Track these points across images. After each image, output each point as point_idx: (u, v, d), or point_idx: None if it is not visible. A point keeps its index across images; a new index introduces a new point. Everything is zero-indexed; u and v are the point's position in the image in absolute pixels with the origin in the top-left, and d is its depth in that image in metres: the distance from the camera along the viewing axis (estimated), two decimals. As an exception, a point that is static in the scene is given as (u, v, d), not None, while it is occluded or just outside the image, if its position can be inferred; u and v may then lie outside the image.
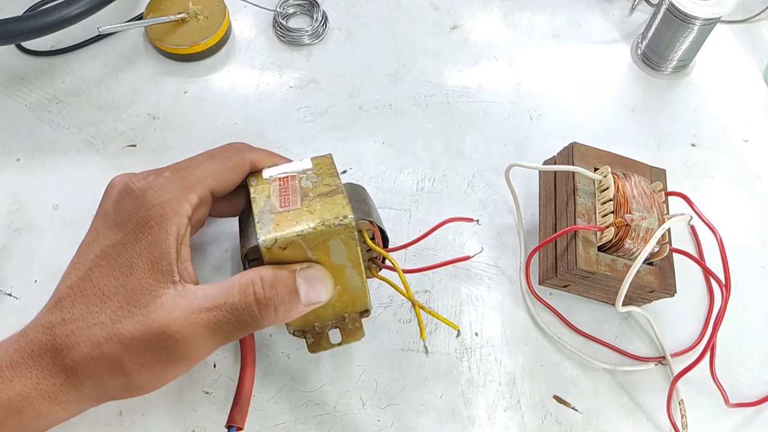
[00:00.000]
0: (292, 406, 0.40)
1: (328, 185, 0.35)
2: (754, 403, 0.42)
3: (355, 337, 0.39)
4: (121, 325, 0.31)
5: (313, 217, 0.33)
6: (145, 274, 0.32)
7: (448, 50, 0.55)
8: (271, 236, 0.33)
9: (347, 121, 0.51)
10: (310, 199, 0.34)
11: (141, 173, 0.35)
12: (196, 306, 0.31)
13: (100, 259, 0.33)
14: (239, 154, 0.37)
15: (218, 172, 0.35)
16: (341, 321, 0.38)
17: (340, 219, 0.33)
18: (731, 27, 0.58)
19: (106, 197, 0.36)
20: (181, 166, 0.35)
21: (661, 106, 0.53)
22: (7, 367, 0.31)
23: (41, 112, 0.50)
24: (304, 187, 0.35)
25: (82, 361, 0.30)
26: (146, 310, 0.31)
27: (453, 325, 0.38)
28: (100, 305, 0.31)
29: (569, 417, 0.41)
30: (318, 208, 0.34)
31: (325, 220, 0.33)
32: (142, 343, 0.30)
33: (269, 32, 0.54)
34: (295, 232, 0.33)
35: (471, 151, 0.50)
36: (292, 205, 0.34)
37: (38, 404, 0.30)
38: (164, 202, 0.33)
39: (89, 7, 0.47)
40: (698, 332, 0.44)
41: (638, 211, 0.39)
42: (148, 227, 0.32)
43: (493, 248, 0.46)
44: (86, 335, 0.31)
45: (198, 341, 0.31)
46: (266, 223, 0.33)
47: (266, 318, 0.32)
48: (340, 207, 0.34)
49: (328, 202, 0.34)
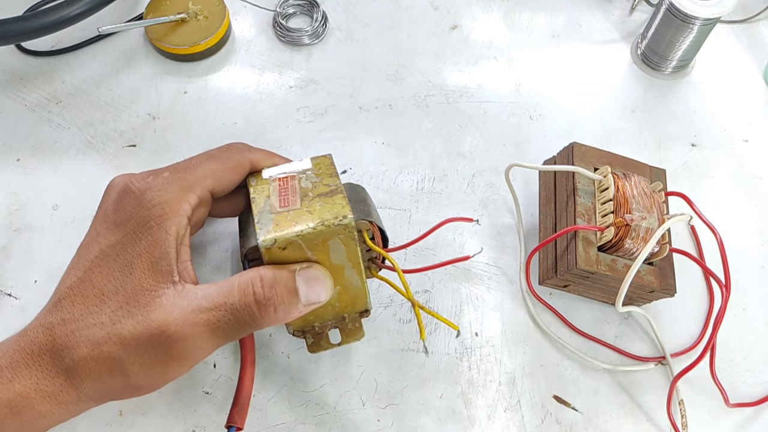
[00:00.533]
0: (292, 406, 0.40)
1: (328, 185, 0.35)
2: (754, 403, 0.42)
3: (355, 337, 0.39)
4: (120, 325, 0.31)
5: (313, 217, 0.33)
6: (145, 274, 0.32)
7: (448, 50, 0.55)
8: (271, 236, 0.33)
9: (347, 121, 0.51)
10: (309, 199, 0.34)
11: (141, 173, 0.35)
12: (196, 306, 0.31)
13: (99, 260, 0.33)
14: (239, 154, 0.37)
15: (218, 172, 0.36)
16: (341, 321, 0.38)
17: (339, 219, 0.33)
18: (731, 27, 0.58)
19: (105, 197, 0.36)
20: (181, 167, 0.35)
21: (661, 106, 0.53)
22: (7, 367, 0.31)
23: (41, 112, 0.50)
24: (303, 187, 0.35)
25: (81, 362, 0.30)
26: (146, 310, 0.31)
27: (453, 325, 0.38)
28: (99, 305, 0.31)
29: (569, 417, 0.41)
30: (318, 208, 0.34)
31: (325, 220, 0.33)
32: (141, 343, 0.30)
33: (269, 32, 0.54)
34: (295, 232, 0.33)
35: (471, 151, 0.50)
36: (291, 205, 0.34)
37: (38, 404, 0.30)
38: (164, 202, 0.33)
39: (89, 7, 0.47)
40: (698, 332, 0.44)
41: (638, 211, 0.39)
42: (147, 227, 0.32)
43: (493, 248, 0.46)
44: (86, 335, 0.31)
45: (197, 341, 0.31)
46: (266, 223, 0.33)
47: (266, 318, 0.32)
48: (339, 207, 0.34)
49: (327, 202, 0.34)
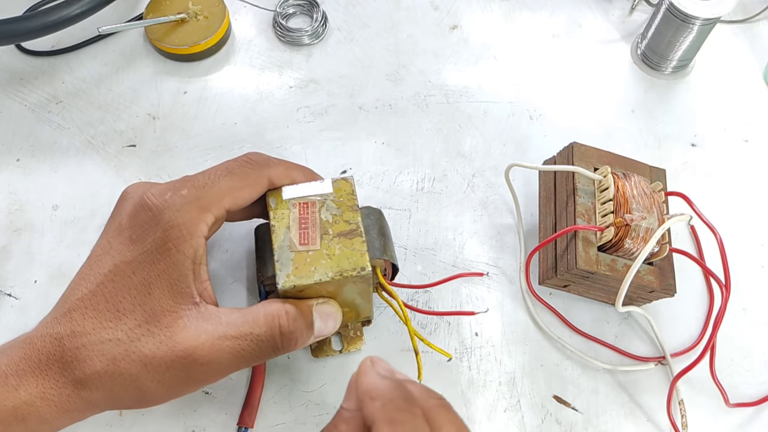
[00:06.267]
0: (292, 406, 0.40)
1: (348, 222, 0.36)
2: (754, 403, 0.42)
3: (356, 346, 0.41)
4: (140, 343, 0.31)
5: (332, 264, 0.34)
6: (164, 294, 0.32)
7: (448, 50, 0.55)
8: (291, 283, 0.34)
9: (347, 121, 0.51)
10: (329, 238, 0.35)
11: (157, 188, 0.34)
12: (222, 333, 0.32)
13: (114, 275, 0.32)
14: (257, 171, 0.36)
15: (235, 190, 0.35)
16: (344, 328, 0.41)
17: (357, 271, 0.34)
18: (731, 27, 0.58)
19: (119, 209, 0.35)
20: (199, 184, 0.34)
21: (661, 106, 0.53)
22: (12, 375, 0.31)
23: (41, 112, 0.50)
24: (323, 220, 0.36)
25: (94, 375, 0.31)
26: (169, 330, 0.31)
27: (446, 353, 0.40)
28: (114, 321, 0.31)
29: (569, 417, 0.41)
30: (337, 253, 0.35)
31: (344, 271, 0.34)
32: (163, 363, 0.31)
33: (269, 32, 0.54)
34: (314, 280, 0.34)
35: (471, 151, 0.50)
36: (311, 244, 0.35)
37: (43, 412, 0.30)
38: (181, 224, 0.33)
39: (89, 7, 0.47)
40: (698, 332, 0.44)
41: (638, 211, 0.39)
42: (165, 249, 0.32)
43: (493, 248, 0.46)
44: (100, 350, 0.31)
45: (221, 366, 0.32)
46: (285, 263, 0.34)
47: (286, 350, 0.34)
48: (358, 255, 0.35)
49: (347, 246, 0.35)
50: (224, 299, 0.43)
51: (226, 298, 0.43)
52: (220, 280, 0.44)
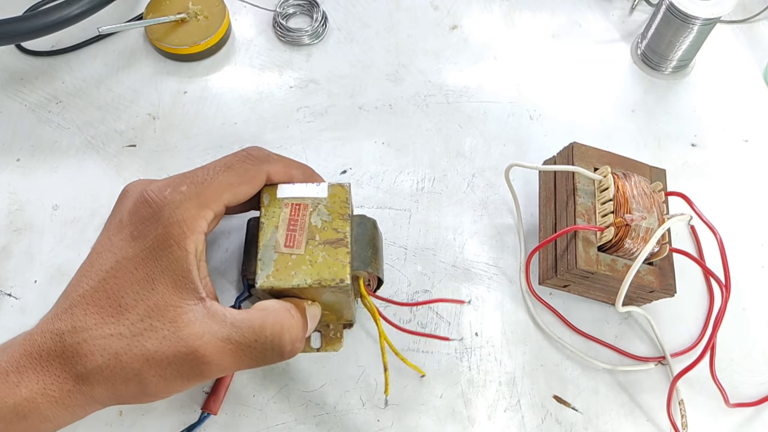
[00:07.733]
0: (292, 406, 0.40)
1: (336, 231, 0.36)
2: (754, 403, 0.42)
3: (333, 347, 0.41)
4: (142, 337, 0.31)
5: (312, 271, 0.34)
6: (168, 290, 0.32)
7: (448, 50, 0.55)
8: (269, 284, 0.34)
9: (347, 121, 0.51)
10: (315, 244, 0.35)
11: (157, 184, 0.35)
12: (226, 335, 0.32)
13: (115, 271, 0.32)
14: (256, 167, 0.36)
15: (234, 186, 0.35)
16: (324, 327, 0.42)
17: (336, 282, 0.34)
18: (731, 27, 0.58)
19: (119, 205, 0.35)
20: (198, 179, 0.35)
21: (661, 106, 0.53)
22: (13, 371, 0.31)
23: (41, 112, 0.50)
24: (312, 225, 0.36)
25: (96, 370, 0.31)
26: (173, 325, 0.31)
27: (419, 370, 0.40)
28: (116, 316, 0.31)
29: (569, 417, 0.41)
30: (319, 261, 0.35)
31: (323, 280, 0.34)
32: (166, 357, 0.31)
33: (269, 32, 0.54)
34: (292, 284, 0.34)
35: (471, 151, 0.50)
36: (296, 247, 0.35)
37: (44, 408, 0.30)
38: (182, 220, 0.33)
39: (89, 7, 0.47)
40: (698, 332, 0.44)
41: (638, 211, 0.39)
42: (167, 245, 0.32)
43: (493, 248, 0.46)
44: (101, 345, 0.31)
45: (222, 367, 0.32)
46: (267, 264, 0.34)
47: (286, 356, 0.34)
48: (340, 266, 0.35)
49: (331, 255, 0.35)
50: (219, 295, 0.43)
51: (218, 291, 0.43)
52: (216, 274, 0.44)
